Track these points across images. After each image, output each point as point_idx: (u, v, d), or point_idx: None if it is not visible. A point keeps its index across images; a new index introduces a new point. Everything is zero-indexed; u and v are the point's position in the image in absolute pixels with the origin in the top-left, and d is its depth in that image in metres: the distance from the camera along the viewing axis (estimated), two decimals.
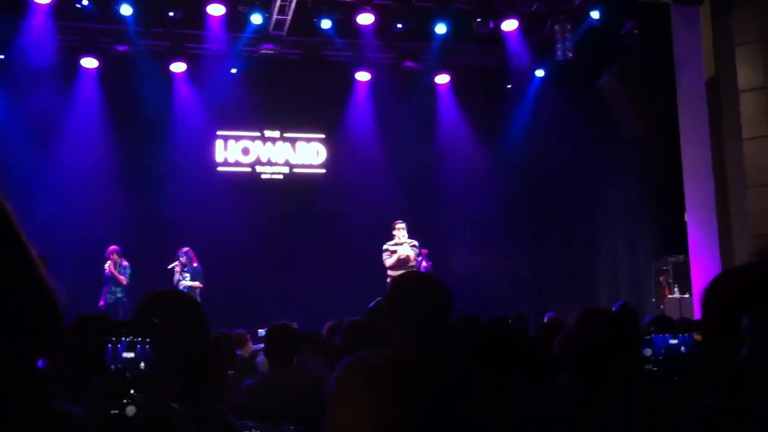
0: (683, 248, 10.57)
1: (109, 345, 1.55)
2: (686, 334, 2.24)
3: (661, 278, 11.28)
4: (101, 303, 11.39)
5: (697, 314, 8.22)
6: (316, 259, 13.53)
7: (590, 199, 13.96)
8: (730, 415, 1.51)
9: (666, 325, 6.00)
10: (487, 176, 14.37)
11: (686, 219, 10.45)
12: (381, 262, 10.99)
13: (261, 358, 5.50)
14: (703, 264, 9.77)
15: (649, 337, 2.25)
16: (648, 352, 2.25)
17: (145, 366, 1.54)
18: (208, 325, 2.28)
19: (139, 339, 1.56)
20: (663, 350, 2.21)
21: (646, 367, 2.24)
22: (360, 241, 12.54)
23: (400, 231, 11.00)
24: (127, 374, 1.52)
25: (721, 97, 10.09)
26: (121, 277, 11.44)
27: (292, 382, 4.17)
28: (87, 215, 12.40)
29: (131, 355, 1.55)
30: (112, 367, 1.54)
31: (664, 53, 11.06)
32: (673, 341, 2.26)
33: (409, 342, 2.69)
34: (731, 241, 9.64)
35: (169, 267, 11.61)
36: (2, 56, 12.24)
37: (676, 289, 10.75)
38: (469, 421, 2.54)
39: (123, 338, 1.55)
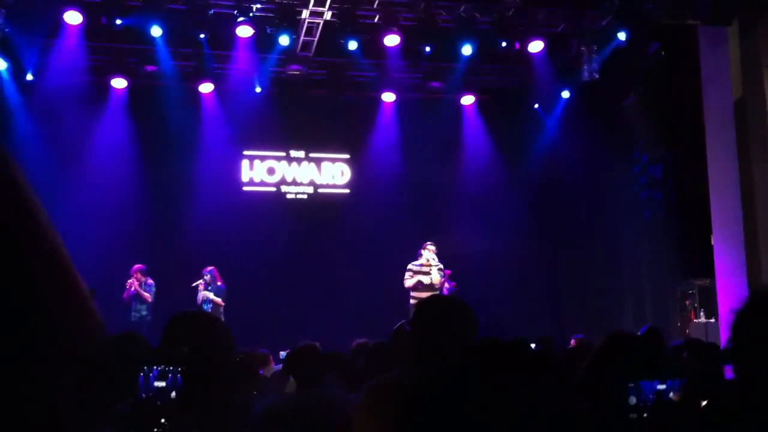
0: (709, 271, 10.46)
1: (141, 373, 1.57)
2: (676, 380, 2.10)
3: (686, 302, 11.16)
4: (126, 296, 11.46)
5: (723, 339, 8.12)
6: (340, 280, 13.53)
7: (615, 220, 13.87)
8: None
9: (699, 349, 5.94)
10: (510, 197, 14.32)
11: (713, 242, 10.35)
12: (403, 282, 10.94)
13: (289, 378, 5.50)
14: (730, 288, 9.67)
15: (633, 384, 2.10)
16: (633, 400, 2.09)
17: (176, 395, 1.55)
18: (233, 346, 2.29)
19: (171, 368, 1.57)
20: (651, 396, 2.07)
21: (630, 416, 2.09)
22: (384, 261, 12.53)
23: (430, 253, 10.88)
24: (158, 402, 1.53)
25: (748, 119, 10.03)
26: (146, 295, 11.50)
27: (313, 402, 4.16)
28: (114, 233, 12.51)
29: (163, 384, 1.56)
30: (143, 395, 1.55)
31: (691, 74, 11.02)
32: (661, 386, 2.11)
33: (433, 365, 2.69)
34: (759, 264, 9.54)
35: (193, 285, 11.67)
36: (32, 76, 12.42)
37: (702, 314, 10.62)
38: None
39: (155, 366, 1.56)
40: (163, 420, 1.53)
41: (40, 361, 0.93)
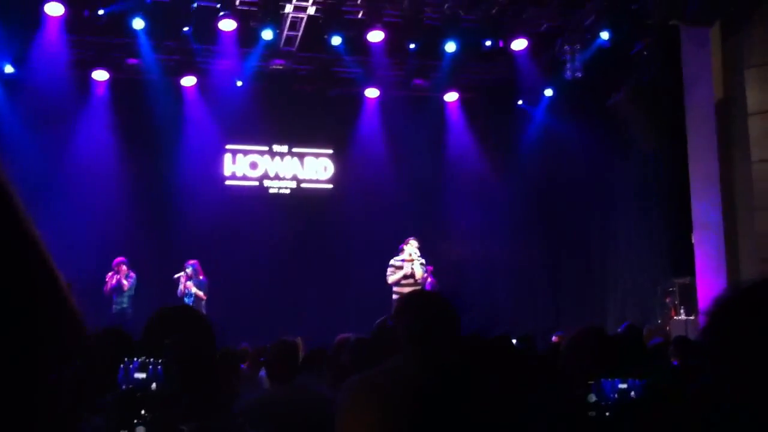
0: (688, 269, 10.54)
1: (121, 364, 1.56)
2: (637, 379, 2.07)
3: (667, 299, 11.24)
4: (106, 288, 11.41)
5: None
6: (323, 274, 13.54)
7: (599, 217, 13.94)
8: None
9: (686, 346, 5.98)
10: (495, 193, 14.37)
11: (693, 240, 10.43)
12: (386, 277, 10.93)
13: (263, 373, 5.50)
14: (710, 286, 9.75)
15: (593, 381, 2.06)
16: (592, 398, 2.05)
17: (157, 387, 1.54)
18: (216, 340, 2.28)
19: (151, 360, 1.56)
20: (611, 395, 2.03)
21: (590, 413, 2.05)
22: (367, 256, 12.55)
23: (412, 247, 10.84)
24: (138, 394, 1.53)
25: (730, 119, 10.11)
26: (124, 282, 11.43)
27: (292, 399, 4.16)
28: (96, 226, 12.43)
29: (143, 375, 1.55)
30: (123, 386, 1.54)
31: (674, 73, 11.08)
32: (623, 386, 2.07)
33: (415, 361, 2.69)
34: (738, 263, 9.62)
35: (175, 277, 11.62)
36: (13, 69, 12.32)
37: (682, 311, 10.71)
38: None
39: (135, 358, 1.56)
40: (143, 411, 1.53)
41: (26, 354, 0.93)
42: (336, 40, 12.14)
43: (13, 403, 0.92)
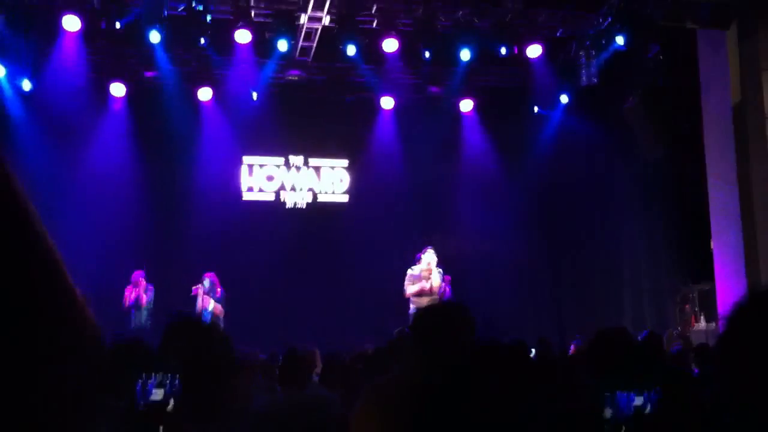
0: (708, 275, 10.45)
1: (140, 380, 1.56)
2: (653, 392, 1.96)
3: (686, 306, 11.15)
4: (126, 303, 11.44)
5: None
6: (340, 286, 13.51)
7: (615, 223, 13.87)
8: None
9: (707, 354, 5.93)
10: (510, 201, 14.31)
11: (712, 246, 10.34)
12: (403, 288, 10.85)
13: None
14: (730, 292, 9.66)
15: (610, 393, 1.95)
16: (608, 413, 1.93)
17: (174, 403, 1.55)
18: (232, 351, 2.29)
19: (169, 376, 1.56)
20: (626, 410, 1.93)
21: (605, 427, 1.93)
22: (384, 267, 12.51)
23: (430, 256, 10.70)
24: (156, 410, 1.53)
25: (747, 122, 10.04)
26: (144, 296, 11.47)
27: (303, 404, 4.17)
28: (114, 239, 12.49)
29: (161, 391, 1.55)
30: (141, 402, 1.54)
31: (690, 77, 11.03)
32: (638, 400, 1.96)
33: (432, 370, 2.68)
34: (758, 268, 9.53)
35: (193, 294, 11.63)
36: (31, 82, 12.42)
37: (702, 318, 10.61)
38: None
39: (153, 375, 1.56)
40: (161, 427, 1.53)
41: (40, 367, 0.93)
42: (351, 50, 12.16)
43: (30, 419, 0.92)
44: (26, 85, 12.48)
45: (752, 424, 1.50)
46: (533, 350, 6.47)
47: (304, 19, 11.84)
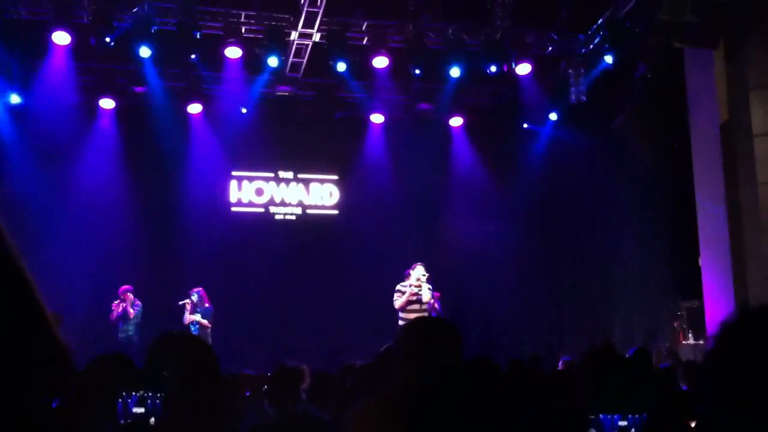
0: (697, 292, 10.48)
1: (120, 399, 1.54)
2: (637, 415, 1.93)
3: (675, 323, 11.16)
4: (113, 316, 11.38)
5: None
6: (329, 300, 13.49)
7: (603, 238, 13.91)
8: None
9: (695, 371, 5.93)
10: (500, 216, 14.34)
11: (700, 263, 10.38)
12: (392, 302, 10.85)
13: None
14: (718, 309, 9.68)
15: (594, 416, 1.93)
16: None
17: (155, 421, 1.53)
18: (219, 368, 2.27)
19: (150, 394, 1.54)
20: None
21: None
22: (372, 282, 12.49)
23: (419, 272, 10.73)
24: (137, 430, 1.51)
25: (735, 140, 10.09)
26: (131, 310, 11.41)
27: (293, 425, 4.14)
28: (102, 253, 12.46)
29: (141, 410, 1.53)
30: (122, 421, 1.53)
31: (678, 96, 11.09)
32: (623, 423, 1.93)
33: (418, 387, 2.66)
34: (746, 285, 9.56)
35: (180, 303, 11.59)
36: (20, 96, 12.40)
37: (690, 335, 10.63)
38: None
39: (134, 393, 1.54)
40: None
41: (10, 384, 0.92)
42: (341, 66, 12.20)
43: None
44: (15, 99, 12.46)
45: None
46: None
47: (294, 35, 11.89)
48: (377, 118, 14.19)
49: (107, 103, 12.97)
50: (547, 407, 3.36)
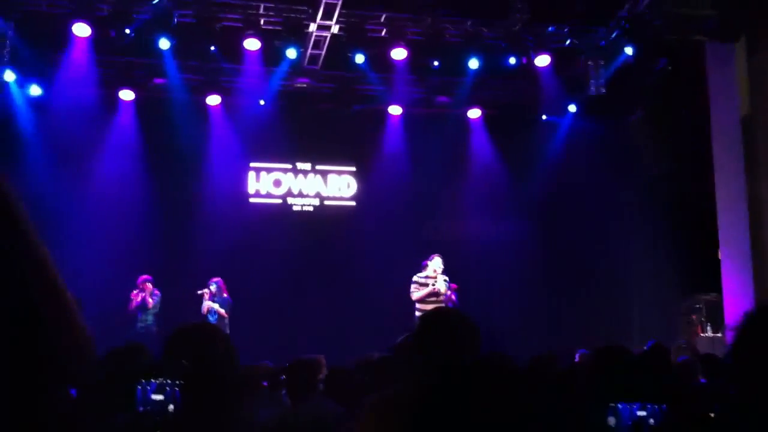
0: (715, 286, 10.42)
1: (139, 386, 1.56)
2: (656, 405, 1.93)
3: (693, 316, 11.10)
4: (131, 306, 11.46)
5: None
6: (345, 291, 13.52)
7: (622, 234, 13.84)
8: None
9: (714, 364, 5.90)
10: (516, 211, 14.30)
11: (720, 256, 10.31)
12: (409, 294, 10.86)
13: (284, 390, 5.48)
14: (737, 302, 9.63)
15: (614, 404, 1.92)
16: (612, 421, 1.92)
17: (174, 409, 1.54)
18: (236, 358, 2.28)
19: (169, 381, 1.56)
20: (629, 422, 1.90)
21: None
22: (388, 273, 12.50)
23: (437, 264, 10.76)
24: (156, 416, 1.53)
25: (755, 134, 10.02)
26: (150, 300, 11.49)
27: (309, 418, 4.15)
28: (121, 244, 12.54)
29: (161, 397, 1.55)
30: (141, 408, 1.54)
31: (698, 90, 11.01)
32: (641, 413, 1.93)
33: (435, 381, 2.66)
34: (766, 279, 9.50)
35: (199, 293, 11.65)
36: (41, 88, 12.51)
37: (709, 328, 10.57)
38: None
39: (153, 380, 1.56)
40: None
41: (32, 374, 0.93)
42: (359, 58, 12.20)
43: (19, 420, 0.92)
44: (35, 91, 12.56)
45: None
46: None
47: (313, 27, 11.89)
48: (395, 111, 14.18)
49: (127, 95, 13.03)
50: (562, 402, 3.37)
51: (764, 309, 1.65)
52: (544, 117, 14.42)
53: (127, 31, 11.24)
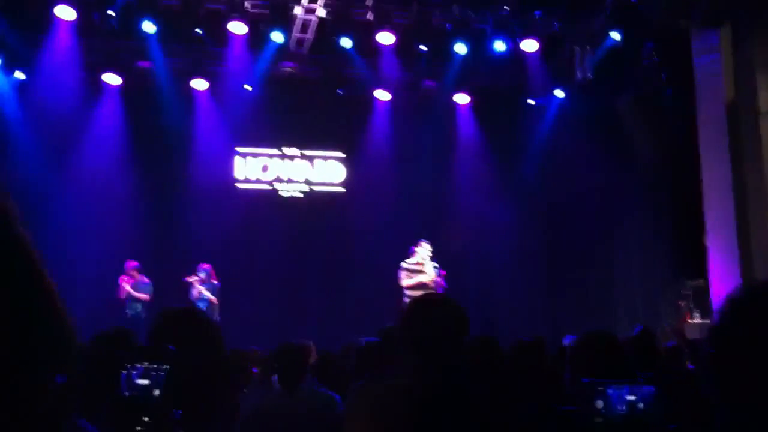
0: (702, 272, 10.48)
1: (124, 371, 1.54)
2: (646, 388, 1.91)
3: (681, 303, 11.17)
4: (121, 293, 11.42)
5: None
6: (334, 277, 13.52)
7: (607, 221, 13.88)
8: None
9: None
10: (504, 196, 14.32)
11: (707, 243, 10.36)
12: (398, 280, 10.86)
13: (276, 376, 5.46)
14: (724, 288, 9.67)
15: (602, 388, 1.90)
16: (600, 404, 1.90)
17: (160, 394, 1.52)
18: (223, 344, 2.26)
19: (155, 366, 1.54)
20: (618, 407, 1.88)
21: (596, 420, 1.91)
22: (378, 259, 12.52)
23: (424, 250, 10.76)
24: (141, 401, 1.51)
25: (741, 120, 10.05)
26: (144, 296, 11.43)
27: (301, 402, 4.15)
28: (108, 230, 12.46)
29: (146, 382, 1.53)
30: (126, 393, 1.52)
31: (684, 76, 11.03)
32: (631, 397, 1.91)
33: (422, 368, 2.65)
34: (752, 265, 9.56)
35: (189, 280, 11.61)
36: (24, 72, 12.38)
37: (696, 314, 10.64)
38: None
39: (138, 364, 1.54)
40: (146, 418, 1.51)
41: (14, 359, 0.91)
42: (346, 43, 12.15)
43: (4, 411, 0.90)
44: (19, 75, 12.43)
45: (746, 418, 1.48)
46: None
47: (298, 10, 11.81)
48: (383, 96, 14.13)
49: (112, 79, 12.90)
50: (549, 386, 3.37)
51: (748, 292, 1.63)
52: (531, 102, 14.41)
53: (111, 12, 11.13)
